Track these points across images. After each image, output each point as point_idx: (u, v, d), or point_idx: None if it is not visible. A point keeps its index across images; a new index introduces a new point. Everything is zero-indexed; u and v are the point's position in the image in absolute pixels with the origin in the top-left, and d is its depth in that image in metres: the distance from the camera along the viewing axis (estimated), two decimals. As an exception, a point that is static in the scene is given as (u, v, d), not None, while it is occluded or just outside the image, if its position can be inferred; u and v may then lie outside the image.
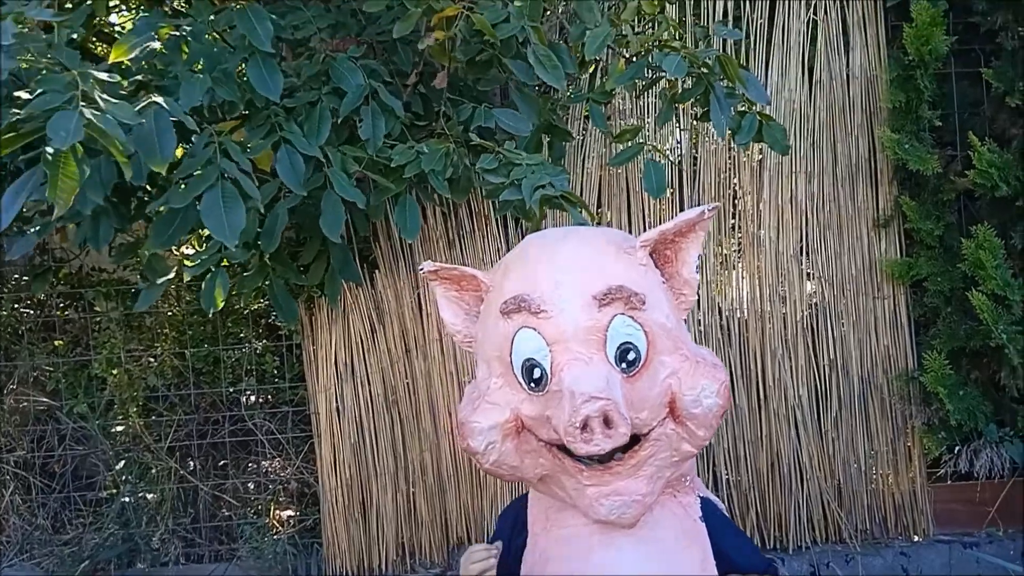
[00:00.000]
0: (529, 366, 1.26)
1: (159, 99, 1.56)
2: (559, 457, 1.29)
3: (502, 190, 1.83)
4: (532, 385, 1.26)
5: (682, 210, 2.70)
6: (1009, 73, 2.50)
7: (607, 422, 1.15)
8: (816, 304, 2.74)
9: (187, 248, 2.62)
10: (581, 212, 1.87)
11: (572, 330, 1.22)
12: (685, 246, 1.34)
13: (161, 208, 1.73)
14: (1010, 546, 2.63)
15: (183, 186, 1.68)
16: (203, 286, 1.96)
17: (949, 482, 2.72)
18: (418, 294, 2.68)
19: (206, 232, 2.38)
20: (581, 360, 1.21)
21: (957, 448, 2.61)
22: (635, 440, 1.28)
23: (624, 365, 1.24)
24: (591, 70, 2.49)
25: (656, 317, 1.26)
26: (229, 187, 1.60)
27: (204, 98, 1.70)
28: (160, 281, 2.07)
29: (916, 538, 2.70)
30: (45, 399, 2.78)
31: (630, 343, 1.23)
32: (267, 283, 2.21)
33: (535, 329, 1.24)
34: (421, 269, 1.43)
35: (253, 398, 2.90)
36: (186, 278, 2.26)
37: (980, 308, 2.40)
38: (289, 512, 2.89)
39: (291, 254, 2.38)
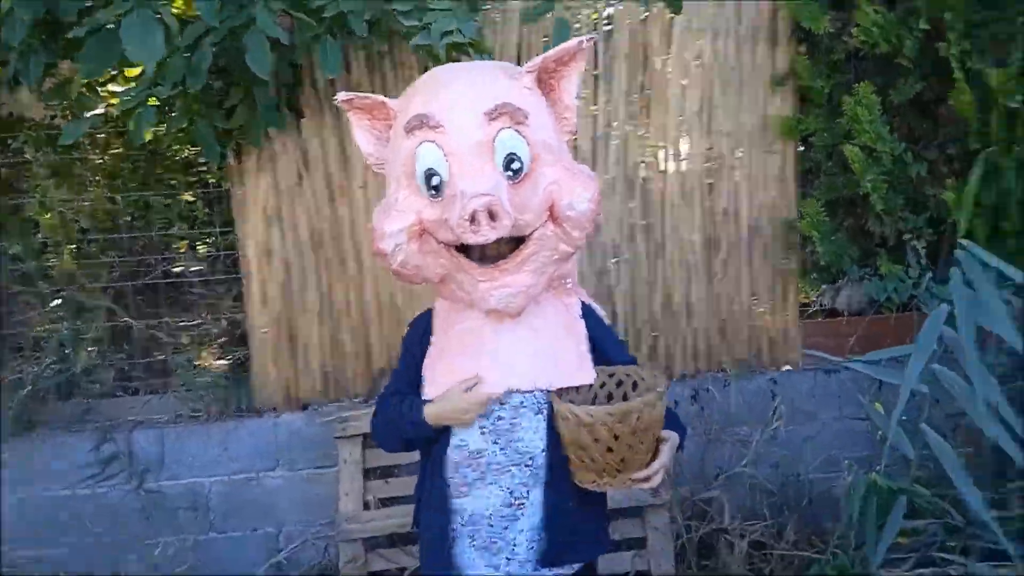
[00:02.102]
0: (429, 175, 1.47)
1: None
2: (456, 256, 1.52)
3: (415, 33, 1.96)
4: (432, 192, 1.47)
5: (596, 69, 2.89)
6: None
7: (492, 216, 1.38)
8: (713, 158, 2.97)
9: (116, 86, 2.67)
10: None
11: (465, 141, 1.44)
12: (567, 75, 1.55)
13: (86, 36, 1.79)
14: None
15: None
16: (130, 121, 2.06)
17: (820, 319, 3.07)
18: (339, 136, 2.81)
19: (135, 72, 2.46)
20: (472, 167, 1.42)
21: (824, 287, 2.93)
22: (520, 242, 1.51)
23: (510, 173, 1.46)
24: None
25: (539, 133, 1.48)
26: (147, 12, 1.67)
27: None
28: (88, 115, 2.16)
29: (787, 368, 3.05)
30: (-21, 239, 2.88)
31: (515, 153, 1.45)
32: (191, 124, 2.31)
33: (434, 142, 1.45)
34: (336, 99, 1.60)
35: (184, 243, 3.04)
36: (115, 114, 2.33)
37: (852, 159, 2.67)
38: (220, 348, 3.08)
39: (219, 101, 2.48)
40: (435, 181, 1.46)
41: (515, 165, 1.45)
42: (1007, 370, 2.47)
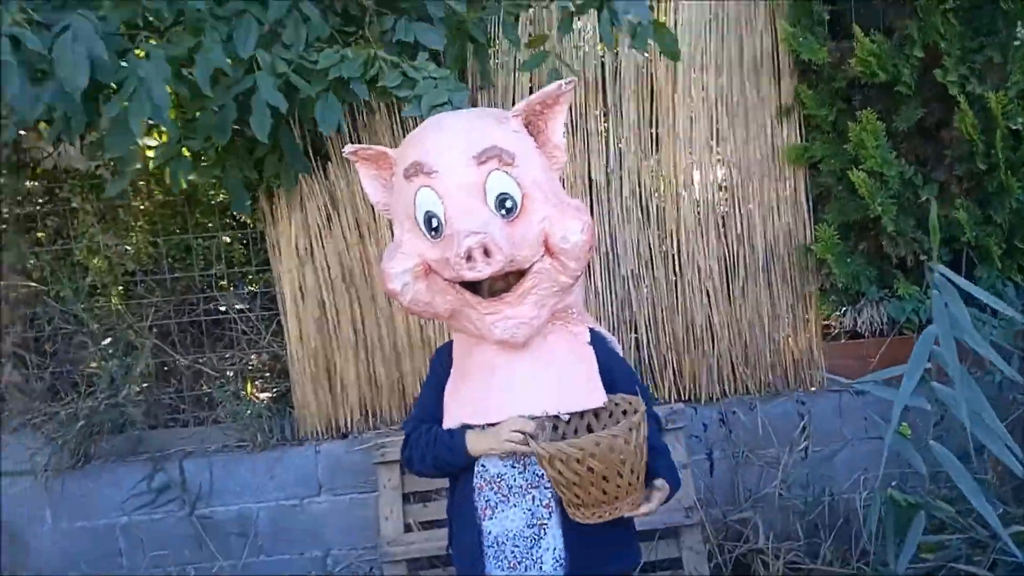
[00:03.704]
0: (428, 217, 1.59)
1: (83, 16, 1.80)
2: (461, 292, 1.63)
3: (406, 104, 2.09)
4: (432, 233, 1.60)
5: (606, 108, 3.00)
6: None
7: (487, 252, 1.49)
8: (725, 187, 3.05)
9: (151, 140, 2.87)
10: None
11: (457, 185, 1.56)
12: (552, 116, 1.67)
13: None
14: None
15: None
16: (167, 171, 2.24)
17: (842, 340, 3.11)
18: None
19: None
20: (465, 208, 1.54)
21: (844, 309, 2.97)
22: (522, 275, 1.62)
23: (504, 212, 1.58)
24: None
25: (529, 173, 1.59)
26: (142, 100, 1.87)
27: (135, 12, 1.93)
28: (127, 170, 2.34)
29: (812, 389, 3.09)
30: (33, 284, 3.08)
31: (506, 193, 1.57)
32: (224, 172, 2.48)
33: (430, 187, 1.57)
34: (344, 151, 1.74)
35: (224, 282, 3.21)
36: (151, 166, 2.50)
37: (859, 184, 2.73)
38: (263, 381, 3.23)
39: (249, 149, 2.66)
40: (434, 223, 1.58)
41: (508, 204, 1.57)
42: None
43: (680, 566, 2.75)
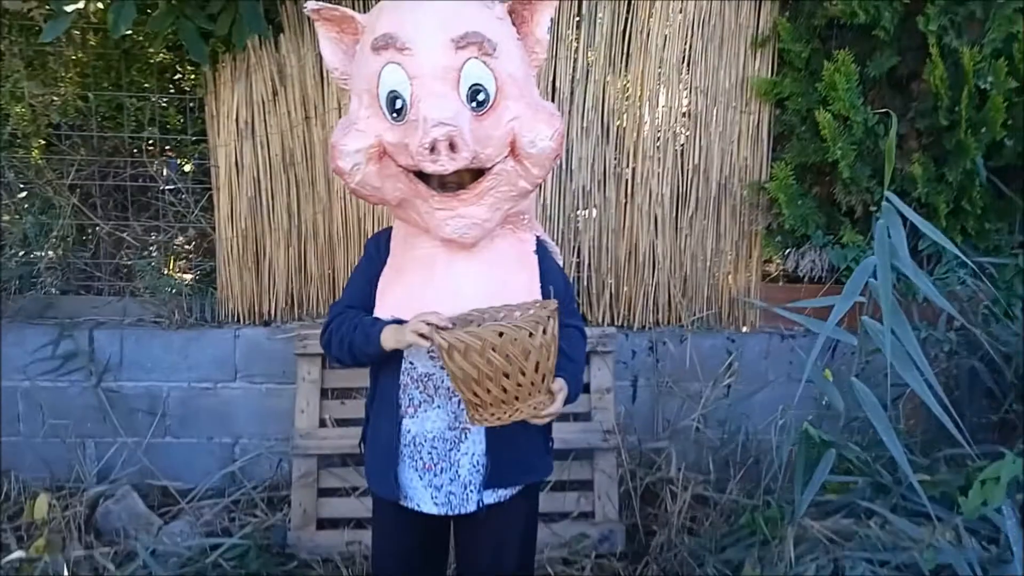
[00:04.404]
0: (392, 97, 1.47)
1: None
2: (415, 182, 1.53)
3: None
4: (394, 115, 1.48)
5: (579, 13, 2.86)
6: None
7: (452, 147, 1.39)
8: (689, 113, 2.98)
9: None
10: None
11: (431, 67, 1.43)
12: (540, 8, 1.56)
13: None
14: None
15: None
16: (109, 14, 2.04)
17: (781, 283, 3.13)
18: (319, 55, 2.77)
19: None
20: (436, 94, 1.42)
21: (788, 251, 2.98)
22: (480, 174, 1.52)
23: (475, 104, 1.47)
24: None
25: (506, 66, 1.48)
26: None
27: None
28: (69, 9, 2.12)
29: (744, 329, 3.11)
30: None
31: (480, 85, 1.46)
32: (175, 24, 2.28)
33: (400, 64, 1.45)
34: (305, 7, 1.58)
35: (155, 149, 3.01)
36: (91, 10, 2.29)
37: (824, 125, 2.69)
38: (186, 258, 3.08)
39: (201, 5, 2.45)
40: (398, 104, 1.46)
41: (480, 97, 1.46)
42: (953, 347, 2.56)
43: (591, 488, 2.77)
